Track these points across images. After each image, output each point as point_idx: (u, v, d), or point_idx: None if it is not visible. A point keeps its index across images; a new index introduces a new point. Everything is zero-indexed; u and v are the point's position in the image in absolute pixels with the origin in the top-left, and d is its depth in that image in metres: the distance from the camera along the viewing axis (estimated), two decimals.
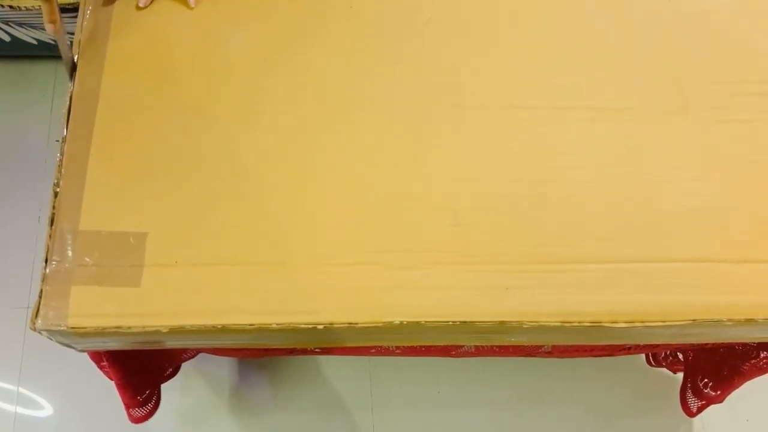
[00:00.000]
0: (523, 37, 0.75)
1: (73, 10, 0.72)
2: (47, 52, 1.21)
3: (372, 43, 0.74)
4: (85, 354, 0.74)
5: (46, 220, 0.64)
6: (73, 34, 0.73)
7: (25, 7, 1.02)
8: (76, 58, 0.70)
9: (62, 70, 0.70)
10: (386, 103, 0.71)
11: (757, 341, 0.80)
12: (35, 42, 1.18)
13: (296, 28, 0.74)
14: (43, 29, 1.12)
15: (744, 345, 0.86)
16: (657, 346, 0.91)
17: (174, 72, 0.71)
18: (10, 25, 1.12)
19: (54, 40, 1.14)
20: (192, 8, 0.73)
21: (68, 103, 0.68)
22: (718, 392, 0.92)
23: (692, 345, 0.90)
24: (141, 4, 0.72)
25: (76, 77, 0.70)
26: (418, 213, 0.67)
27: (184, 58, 0.72)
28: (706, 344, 0.87)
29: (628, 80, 0.73)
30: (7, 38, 1.16)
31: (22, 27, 1.12)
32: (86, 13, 0.73)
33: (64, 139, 0.66)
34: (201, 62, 0.71)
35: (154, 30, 0.73)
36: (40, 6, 1.01)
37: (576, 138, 0.71)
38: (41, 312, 0.60)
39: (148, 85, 0.70)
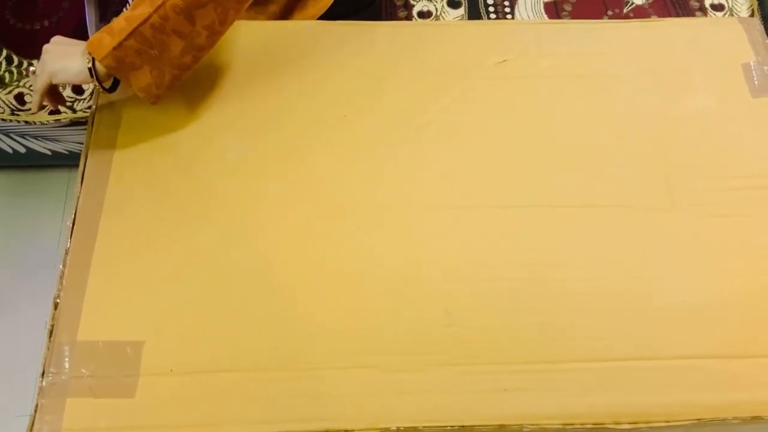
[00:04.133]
0: (515, 139, 0.78)
1: (82, 123, 0.76)
2: (60, 161, 1.26)
3: (366, 148, 0.77)
4: None
5: None
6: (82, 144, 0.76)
7: (40, 122, 1.08)
8: (84, 169, 0.74)
9: (74, 179, 0.73)
10: (381, 207, 0.73)
11: None
12: (49, 152, 1.22)
13: (293, 136, 0.77)
14: (57, 141, 1.17)
15: None
16: None
17: (174, 182, 0.73)
18: (26, 138, 1.17)
19: (68, 150, 1.19)
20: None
21: (73, 216, 0.71)
22: None
23: None
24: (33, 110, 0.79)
25: (82, 191, 0.73)
26: (413, 314, 0.67)
27: (184, 168, 0.74)
28: None
29: (619, 179, 0.75)
30: (22, 150, 1.21)
31: (37, 139, 1.17)
32: (94, 129, 0.77)
33: (67, 251, 0.68)
34: (201, 171, 0.74)
35: (158, 141, 0.76)
36: (54, 120, 1.07)
37: (570, 236, 0.72)
38: (36, 426, 0.60)
39: (148, 196, 0.72)
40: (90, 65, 0.69)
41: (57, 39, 0.73)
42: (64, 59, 0.70)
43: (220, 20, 0.70)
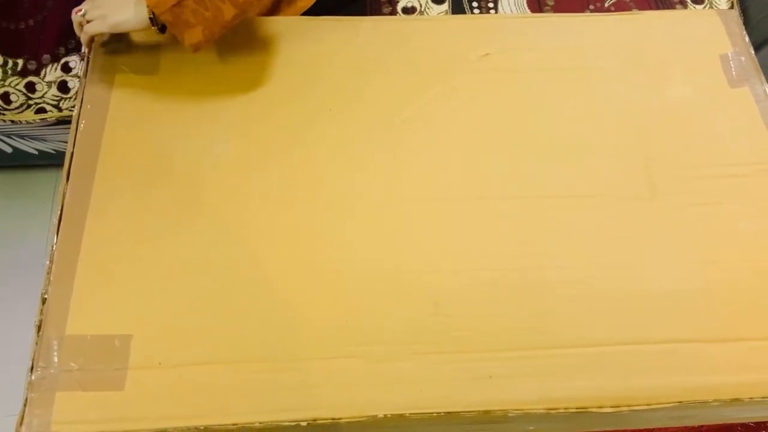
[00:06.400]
0: (499, 132, 0.79)
1: (69, 122, 0.77)
2: (47, 161, 1.26)
3: (351, 143, 0.77)
4: None
5: None
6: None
7: (26, 121, 1.08)
8: (70, 166, 0.74)
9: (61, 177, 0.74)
10: (366, 199, 0.74)
11: (747, 421, 0.79)
12: (36, 152, 1.22)
13: (279, 131, 0.78)
14: (44, 140, 1.17)
15: (744, 425, 0.84)
16: (652, 429, 0.89)
17: (160, 177, 0.74)
18: (12, 138, 1.17)
19: (55, 150, 1.19)
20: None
21: (59, 211, 0.71)
22: None
23: (689, 428, 0.89)
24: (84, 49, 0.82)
25: (69, 186, 0.73)
26: (399, 305, 0.68)
27: (171, 164, 0.75)
28: (702, 426, 0.85)
29: (600, 170, 0.76)
30: (8, 149, 1.21)
31: (23, 139, 1.17)
32: (80, 125, 0.77)
33: (53, 246, 0.69)
34: (186, 166, 0.75)
35: (144, 138, 0.77)
36: (40, 119, 1.07)
37: (552, 227, 0.73)
38: (26, 420, 0.61)
39: (135, 192, 0.73)
40: (151, 16, 0.74)
41: None
42: (122, 11, 0.75)
43: None
